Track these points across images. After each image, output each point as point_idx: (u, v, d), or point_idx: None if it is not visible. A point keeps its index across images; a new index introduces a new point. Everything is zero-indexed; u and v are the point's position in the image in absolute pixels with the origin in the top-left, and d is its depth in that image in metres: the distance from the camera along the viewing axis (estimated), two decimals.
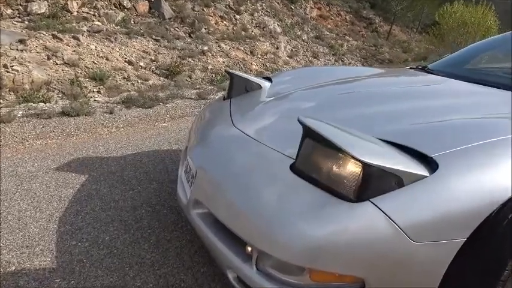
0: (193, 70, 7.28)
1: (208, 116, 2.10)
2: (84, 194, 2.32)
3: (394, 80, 2.32)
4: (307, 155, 1.26)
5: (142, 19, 8.61)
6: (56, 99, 4.63)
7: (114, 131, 3.63)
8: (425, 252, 1.07)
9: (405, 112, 1.55)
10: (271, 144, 1.51)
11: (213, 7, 10.72)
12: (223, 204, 1.39)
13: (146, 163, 2.84)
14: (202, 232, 1.46)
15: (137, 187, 2.45)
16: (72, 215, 2.08)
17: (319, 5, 16.16)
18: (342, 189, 1.13)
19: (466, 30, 14.83)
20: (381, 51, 15.00)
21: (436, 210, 1.07)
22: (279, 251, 1.15)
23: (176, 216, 2.14)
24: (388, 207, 1.06)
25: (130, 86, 5.83)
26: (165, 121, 4.13)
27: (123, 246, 1.85)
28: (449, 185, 1.09)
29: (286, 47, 11.28)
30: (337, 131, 1.22)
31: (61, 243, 1.84)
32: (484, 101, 1.71)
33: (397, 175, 1.08)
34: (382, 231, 1.06)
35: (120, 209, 2.18)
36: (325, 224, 1.10)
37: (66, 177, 2.51)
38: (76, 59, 5.82)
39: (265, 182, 1.33)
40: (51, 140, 3.24)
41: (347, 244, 1.07)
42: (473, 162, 1.13)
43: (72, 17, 7.35)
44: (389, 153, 1.16)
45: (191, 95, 5.38)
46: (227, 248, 1.34)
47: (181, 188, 1.75)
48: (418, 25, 21.34)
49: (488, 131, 1.28)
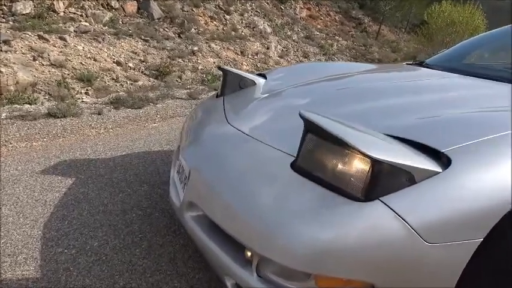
0: (183, 71, 7.17)
1: (201, 115, 2.01)
2: (71, 198, 2.21)
3: (393, 74, 2.25)
4: (310, 152, 1.17)
5: (131, 19, 8.48)
6: (42, 101, 4.48)
7: (102, 132, 3.51)
8: (439, 254, 0.99)
9: (409, 106, 1.48)
10: (269, 141, 1.42)
11: (202, 7, 10.61)
12: (219, 206, 1.30)
13: (136, 165, 2.73)
14: (197, 236, 1.37)
15: (127, 190, 2.35)
16: (58, 221, 1.97)
17: (309, 5, 16.17)
18: (349, 187, 1.05)
19: (455, 30, 14.94)
20: (370, 50, 15.05)
21: (450, 208, 0.99)
22: (282, 255, 1.06)
23: (169, 219, 2.04)
24: (400, 206, 0.98)
25: (119, 87, 5.70)
26: (155, 121, 4.02)
27: (112, 253, 1.75)
28: (463, 182, 1.02)
29: (276, 47, 11.22)
30: (341, 126, 1.13)
31: (46, 250, 1.73)
32: (488, 94, 1.65)
33: (409, 171, 1.00)
34: (393, 232, 0.98)
35: (109, 213, 2.07)
36: (332, 225, 1.01)
37: (51, 181, 2.40)
38: (63, 59, 5.67)
39: (264, 181, 1.24)
40: (36, 142, 3.11)
41: (355, 247, 0.99)
42: (487, 157, 1.06)
43: (58, 18, 7.18)
44: (399, 149, 1.08)
45: (182, 95, 5.27)
46: (224, 253, 1.25)
47: (174, 190, 1.66)
48: (407, 25, 21.52)
49: (498, 125, 1.20)
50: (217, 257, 1.27)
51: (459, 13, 14.97)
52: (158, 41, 7.91)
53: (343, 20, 17.37)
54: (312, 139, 1.16)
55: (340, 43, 14.74)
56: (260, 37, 11.16)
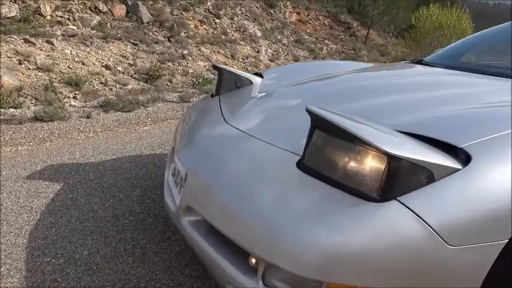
0: (173, 74, 7.06)
1: (196, 115, 1.92)
2: (59, 204, 2.09)
3: (393, 72, 2.19)
4: (318, 150, 1.09)
5: (120, 23, 8.35)
6: (28, 105, 4.34)
7: (91, 136, 3.39)
8: (463, 257, 0.92)
9: (413, 103, 1.41)
10: (270, 140, 1.34)
11: (192, 11, 10.54)
12: (219, 209, 1.21)
13: (127, 169, 2.62)
14: (195, 242, 1.28)
15: (118, 195, 2.24)
16: (45, 228, 1.86)
17: (298, 9, 16.21)
18: (363, 187, 0.97)
19: (442, 33, 15.09)
20: (359, 54, 15.13)
21: (472, 208, 0.92)
22: (290, 262, 0.97)
23: (163, 225, 1.94)
24: (419, 206, 0.91)
25: (108, 91, 5.57)
26: (146, 125, 3.91)
27: (103, 262, 1.64)
28: (485, 179, 0.95)
29: (267, 51, 11.18)
30: (352, 121, 1.05)
31: (32, 260, 1.62)
32: (493, 90, 1.59)
33: (428, 169, 0.92)
34: (412, 234, 0.90)
35: (99, 220, 1.96)
36: (345, 228, 0.93)
37: (38, 186, 2.28)
38: (50, 63, 5.53)
39: (267, 181, 1.16)
40: (21, 146, 2.98)
41: (372, 251, 0.91)
42: (507, 152, 0.99)
43: (45, 21, 7.04)
44: (415, 145, 1.00)
45: (173, 98, 5.17)
46: (226, 260, 1.16)
47: (169, 194, 1.56)
48: (394, 29, 21.76)
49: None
50: (217, 264, 1.18)
51: (447, 16, 15.13)
52: (148, 45, 7.79)
53: (332, 24, 17.45)
54: (320, 136, 1.08)
55: (329, 47, 14.79)
56: (250, 41, 11.11)
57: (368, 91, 1.65)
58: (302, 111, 1.20)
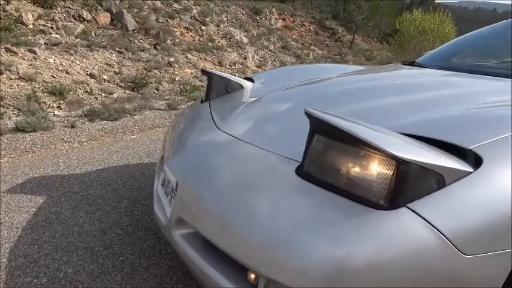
0: (160, 82, 6.97)
1: (186, 122, 1.84)
2: (42, 218, 1.98)
3: (387, 74, 2.14)
4: (318, 155, 1.02)
5: (104, 31, 8.24)
6: (10, 116, 4.19)
7: (76, 146, 3.27)
8: (478, 266, 0.85)
9: (411, 104, 1.36)
10: (265, 145, 1.27)
11: (177, 18, 10.48)
12: (213, 221, 1.12)
13: (114, 179, 2.52)
14: (188, 256, 1.19)
15: (105, 207, 2.14)
16: (26, 245, 1.75)
17: (284, 16, 16.30)
18: (369, 194, 0.90)
19: (426, 37, 15.31)
20: (345, 59, 15.25)
21: (487, 213, 0.86)
22: (292, 277, 0.90)
23: (153, 238, 1.85)
24: (430, 213, 0.84)
25: (94, 99, 5.44)
26: (133, 133, 3.81)
27: (90, 280, 1.54)
28: (497, 182, 0.89)
29: (254, 57, 11.17)
30: (355, 124, 0.99)
31: (11, 281, 1.51)
32: (489, 90, 1.55)
33: (438, 173, 0.86)
34: (424, 243, 0.83)
35: (85, 234, 1.86)
36: (351, 239, 0.86)
37: (19, 200, 2.16)
38: (33, 73, 5.39)
39: (264, 189, 1.08)
40: (2, 158, 2.85)
41: (381, 263, 0.84)
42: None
43: (27, 30, 6.89)
44: (423, 148, 0.94)
45: (160, 105, 5.07)
46: (222, 276, 1.07)
47: (159, 205, 1.47)
48: (378, 34, 22.03)
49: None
50: (212, 280, 1.09)
51: (430, 21, 15.37)
52: (133, 53, 7.69)
53: (317, 30, 17.58)
54: (321, 140, 1.02)
55: (315, 52, 14.86)
56: (237, 47, 11.09)
57: (363, 93, 1.60)
58: (296, 115, 1.13)
